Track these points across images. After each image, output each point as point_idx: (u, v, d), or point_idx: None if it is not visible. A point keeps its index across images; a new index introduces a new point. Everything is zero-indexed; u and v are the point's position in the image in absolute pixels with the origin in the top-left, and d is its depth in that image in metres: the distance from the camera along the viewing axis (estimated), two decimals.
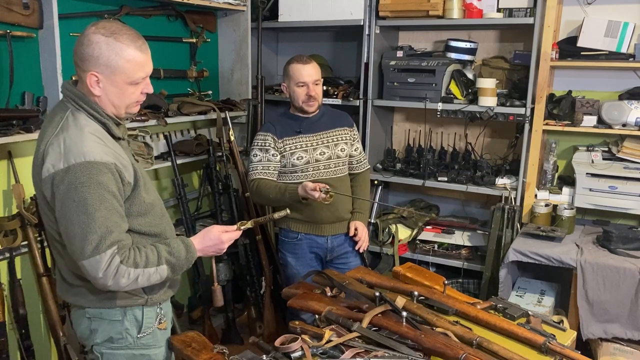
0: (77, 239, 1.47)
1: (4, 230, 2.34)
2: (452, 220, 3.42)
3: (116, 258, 1.48)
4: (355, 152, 2.71)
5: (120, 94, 1.56)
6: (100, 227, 1.46)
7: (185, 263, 1.63)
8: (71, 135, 1.50)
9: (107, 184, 1.49)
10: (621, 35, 2.78)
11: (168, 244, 1.62)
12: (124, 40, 1.53)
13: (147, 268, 1.54)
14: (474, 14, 3.02)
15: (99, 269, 1.46)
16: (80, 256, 1.47)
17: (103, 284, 1.50)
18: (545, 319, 1.84)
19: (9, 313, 2.38)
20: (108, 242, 1.47)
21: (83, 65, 1.53)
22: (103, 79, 1.53)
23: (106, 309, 1.65)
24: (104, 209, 1.47)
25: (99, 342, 1.68)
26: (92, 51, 1.51)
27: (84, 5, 2.63)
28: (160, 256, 1.57)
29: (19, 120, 2.19)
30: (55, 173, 1.47)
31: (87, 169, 1.46)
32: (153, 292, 1.69)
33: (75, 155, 1.46)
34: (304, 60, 2.51)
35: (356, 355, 1.53)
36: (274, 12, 3.48)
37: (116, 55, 1.51)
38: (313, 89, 2.50)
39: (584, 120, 2.87)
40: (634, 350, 2.56)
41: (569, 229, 2.89)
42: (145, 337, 1.70)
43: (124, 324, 1.67)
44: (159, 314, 1.73)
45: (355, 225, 2.61)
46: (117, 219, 1.51)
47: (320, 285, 2.02)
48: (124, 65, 1.53)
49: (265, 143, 2.53)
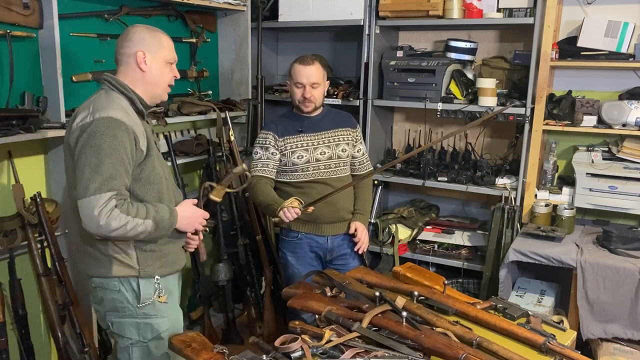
0: (84, 178, 1.67)
1: (4, 230, 2.34)
2: (452, 220, 3.42)
3: (112, 201, 1.67)
4: (358, 154, 2.71)
5: (161, 71, 1.86)
6: (105, 171, 1.67)
7: (168, 224, 1.81)
8: (101, 100, 1.76)
9: (122, 139, 1.70)
10: (621, 35, 2.78)
11: (155, 205, 1.81)
12: (160, 31, 1.89)
13: (136, 218, 1.71)
14: (474, 14, 3.02)
15: (96, 207, 1.65)
16: (83, 193, 1.66)
17: (95, 223, 1.66)
18: (545, 319, 1.83)
19: (9, 313, 2.38)
20: (109, 186, 1.67)
21: (130, 49, 1.82)
22: (149, 56, 1.82)
23: (106, 278, 1.84)
24: (113, 158, 1.68)
25: (107, 311, 1.88)
26: (138, 36, 1.83)
27: (84, 5, 2.63)
28: (149, 212, 1.76)
29: (19, 120, 2.19)
30: (82, 125, 1.71)
31: (108, 122, 1.69)
32: (146, 265, 1.85)
33: (101, 112, 1.71)
34: (307, 61, 2.51)
35: (356, 355, 1.53)
36: (274, 12, 3.48)
37: (157, 38, 1.86)
38: (309, 91, 2.50)
39: (584, 120, 2.87)
40: (634, 350, 2.55)
41: (569, 229, 2.89)
42: (145, 307, 1.86)
43: (123, 293, 1.85)
44: (157, 287, 1.88)
45: (356, 226, 2.61)
46: (122, 171, 1.71)
47: (320, 285, 2.02)
48: (163, 44, 1.86)
49: (266, 141, 2.55)
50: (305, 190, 2.53)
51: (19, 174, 2.36)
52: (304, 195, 2.49)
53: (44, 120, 2.31)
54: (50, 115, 2.37)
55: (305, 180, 2.55)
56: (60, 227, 2.54)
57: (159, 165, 1.87)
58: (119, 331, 1.89)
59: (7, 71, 2.26)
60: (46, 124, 2.30)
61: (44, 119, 2.30)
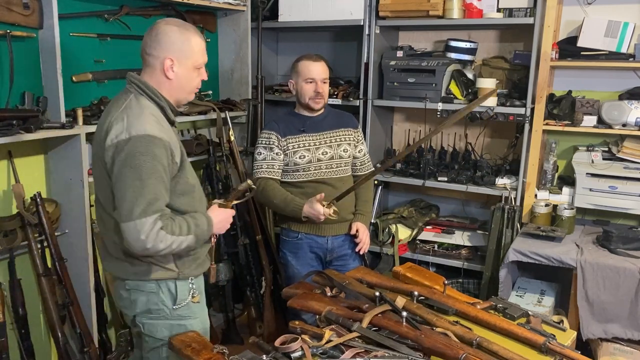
0: (128, 202, 1.63)
1: (4, 230, 2.34)
2: (452, 220, 3.42)
3: (159, 223, 1.64)
4: (359, 154, 2.71)
5: (189, 77, 1.80)
6: (149, 194, 1.63)
7: (207, 233, 1.82)
8: (134, 112, 1.70)
9: (161, 157, 1.67)
10: (621, 35, 2.78)
11: (194, 216, 1.79)
12: (191, 30, 1.80)
13: (180, 236, 1.70)
14: (474, 14, 3.02)
15: (142, 231, 1.62)
16: (128, 217, 1.63)
17: (142, 247, 1.64)
18: (545, 319, 1.83)
19: (9, 313, 2.38)
20: (154, 208, 1.64)
21: (157, 52, 1.75)
22: (176, 63, 1.75)
23: (143, 281, 1.81)
24: (154, 179, 1.65)
25: (139, 313, 1.86)
26: (168, 39, 1.74)
27: (84, 5, 2.63)
28: (190, 227, 1.74)
29: (19, 120, 2.19)
30: (118, 142, 1.65)
31: (146, 141, 1.65)
32: (184, 267, 1.85)
33: (137, 129, 1.65)
34: (314, 58, 2.53)
35: (356, 355, 1.53)
36: (274, 12, 3.48)
37: (188, 42, 1.77)
38: (321, 86, 2.51)
39: (584, 120, 2.87)
40: (634, 350, 2.55)
41: (569, 229, 2.89)
42: (180, 308, 1.85)
43: (159, 295, 1.83)
44: (192, 288, 1.88)
45: (357, 227, 2.61)
46: (163, 190, 1.68)
47: (320, 285, 2.02)
48: (194, 49, 1.78)
49: (270, 141, 2.54)
50: (306, 190, 2.53)
51: (19, 174, 2.36)
52: (305, 195, 2.49)
53: (44, 120, 2.30)
54: (50, 115, 2.37)
55: (306, 180, 2.55)
56: (60, 227, 2.54)
57: (190, 176, 1.85)
58: (151, 332, 1.87)
59: (7, 71, 2.25)
60: (46, 124, 2.30)
61: (44, 119, 2.30)
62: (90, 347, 2.52)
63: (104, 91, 2.69)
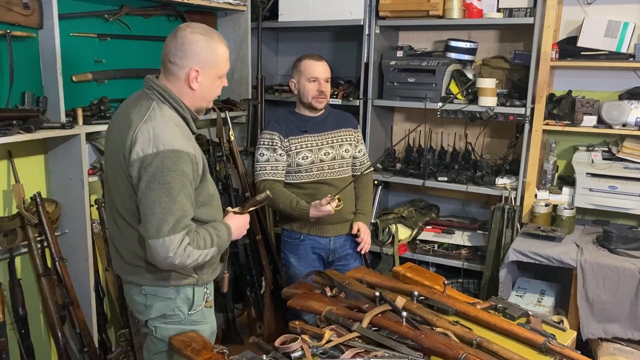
0: (156, 218, 1.61)
1: (4, 230, 2.34)
2: (452, 220, 3.42)
3: (186, 239, 1.64)
4: (359, 154, 2.71)
5: (212, 86, 1.78)
6: (178, 210, 1.62)
7: (226, 243, 1.82)
8: (159, 124, 1.65)
9: (188, 173, 1.66)
10: (621, 35, 2.78)
11: (215, 227, 1.78)
12: (216, 38, 1.77)
13: (205, 249, 1.70)
14: (474, 14, 3.02)
15: (171, 248, 1.61)
16: (156, 234, 1.61)
17: (170, 263, 1.64)
18: (545, 319, 1.84)
19: (9, 313, 2.38)
20: (182, 225, 1.63)
21: (182, 63, 1.70)
22: (202, 74, 1.72)
23: (161, 287, 1.79)
24: (183, 195, 1.64)
25: (153, 317, 1.82)
26: (194, 49, 1.70)
27: (84, 5, 2.63)
28: (213, 239, 1.73)
29: (19, 120, 2.19)
30: (145, 157, 1.62)
31: (175, 156, 1.62)
32: (203, 273, 1.84)
33: (165, 143, 1.62)
34: (317, 57, 2.53)
35: (356, 355, 1.53)
36: (274, 12, 3.48)
37: (213, 52, 1.74)
38: (324, 85, 2.51)
39: (584, 120, 2.87)
40: (634, 350, 2.55)
41: (569, 229, 2.89)
42: (194, 314, 1.85)
43: (176, 301, 1.81)
44: (206, 293, 1.88)
45: (358, 227, 2.61)
46: (190, 206, 1.67)
47: (320, 285, 2.02)
48: (218, 60, 1.75)
49: (272, 142, 2.52)
50: (308, 191, 2.53)
51: (19, 174, 2.36)
52: (307, 196, 2.49)
53: (44, 120, 2.30)
54: (50, 115, 2.36)
55: (308, 181, 2.55)
56: (60, 227, 2.54)
57: (211, 186, 1.84)
58: (162, 337, 1.83)
59: (7, 71, 2.25)
60: (46, 124, 2.30)
61: (44, 119, 2.30)
62: (90, 347, 2.52)
63: (104, 91, 2.69)
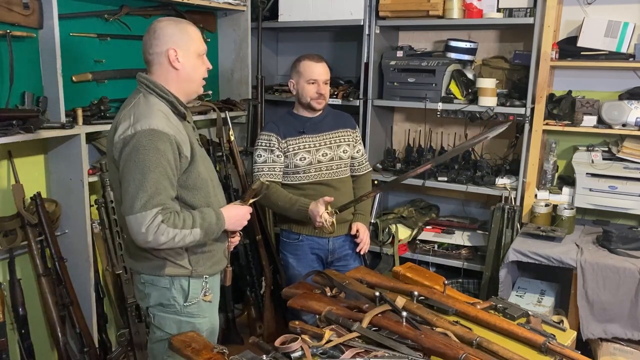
0: (130, 195, 1.67)
1: (4, 230, 2.34)
2: (452, 220, 3.42)
3: (159, 217, 1.66)
4: (357, 154, 2.70)
5: (194, 66, 1.82)
6: (150, 187, 1.66)
7: (216, 229, 1.82)
8: (141, 109, 1.73)
9: (165, 152, 1.69)
10: (621, 35, 2.78)
11: (201, 211, 1.80)
12: (185, 22, 1.85)
13: (183, 229, 1.71)
14: (474, 14, 3.02)
15: (143, 224, 1.65)
16: (129, 211, 1.67)
17: (144, 239, 1.68)
18: (545, 319, 1.83)
19: (9, 313, 2.38)
20: (154, 202, 1.66)
21: (159, 48, 1.78)
22: (180, 53, 1.78)
23: (157, 276, 1.85)
24: (157, 172, 1.67)
25: (152, 305, 1.90)
26: (166, 32, 1.78)
27: (84, 5, 2.63)
28: (195, 220, 1.75)
29: (19, 120, 2.19)
30: (125, 137, 1.69)
31: (150, 135, 1.67)
32: (198, 265, 1.87)
33: (142, 124, 1.69)
34: (316, 58, 2.52)
35: (356, 355, 1.53)
36: (274, 12, 3.48)
37: (185, 32, 1.81)
38: (323, 87, 2.51)
39: (584, 120, 2.87)
40: (634, 350, 2.55)
41: (569, 229, 2.89)
42: (191, 306, 1.88)
43: (171, 291, 1.86)
44: (204, 286, 1.90)
45: (357, 227, 2.60)
46: (167, 184, 1.70)
47: (320, 285, 2.02)
48: (192, 37, 1.82)
49: (270, 143, 2.52)
50: (306, 192, 2.53)
51: (19, 174, 2.36)
52: (306, 197, 2.48)
53: (44, 120, 2.31)
54: (50, 115, 2.37)
55: (306, 182, 2.54)
56: (60, 227, 2.54)
57: (204, 170, 1.86)
58: (160, 325, 1.90)
59: (7, 71, 2.26)
60: (46, 124, 2.30)
61: (44, 119, 2.30)
62: (90, 347, 2.52)
63: (104, 91, 2.69)
